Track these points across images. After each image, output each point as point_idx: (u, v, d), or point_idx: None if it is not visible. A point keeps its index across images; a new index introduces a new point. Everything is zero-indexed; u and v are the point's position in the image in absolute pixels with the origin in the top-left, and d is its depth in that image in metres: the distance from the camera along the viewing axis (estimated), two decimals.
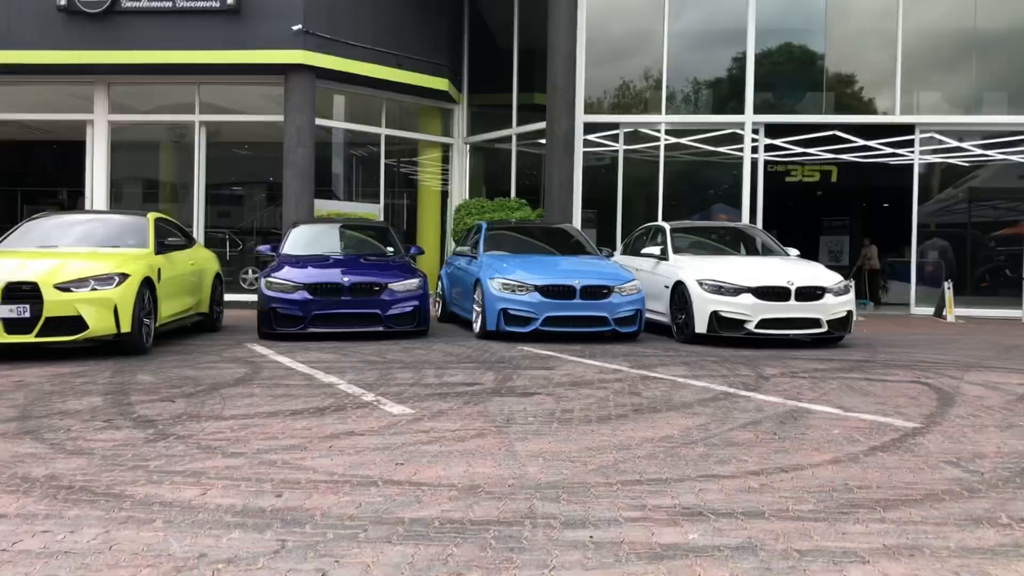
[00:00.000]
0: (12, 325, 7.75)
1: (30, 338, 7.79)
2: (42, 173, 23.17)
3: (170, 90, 15.70)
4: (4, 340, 7.78)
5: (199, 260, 10.82)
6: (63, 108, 15.96)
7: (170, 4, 14.28)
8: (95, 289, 7.99)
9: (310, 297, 9.91)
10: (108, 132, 15.49)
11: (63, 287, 7.87)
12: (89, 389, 6.46)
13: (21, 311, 7.73)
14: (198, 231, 15.57)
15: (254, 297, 14.94)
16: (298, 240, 11.58)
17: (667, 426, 5.28)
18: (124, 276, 8.23)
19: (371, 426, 5.21)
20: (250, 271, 16.53)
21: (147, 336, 8.61)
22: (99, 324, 7.97)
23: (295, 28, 14.17)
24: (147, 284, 8.60)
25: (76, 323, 7.91)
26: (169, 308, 9.43)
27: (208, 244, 15.77)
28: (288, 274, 10.12)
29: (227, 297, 15.36)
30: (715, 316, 9.80)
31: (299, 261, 10.62)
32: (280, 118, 15.06)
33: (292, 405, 5.89)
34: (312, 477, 4.03)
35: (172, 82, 15.37)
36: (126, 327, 8.17)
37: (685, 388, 6.80)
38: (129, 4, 14.29)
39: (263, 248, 11.93)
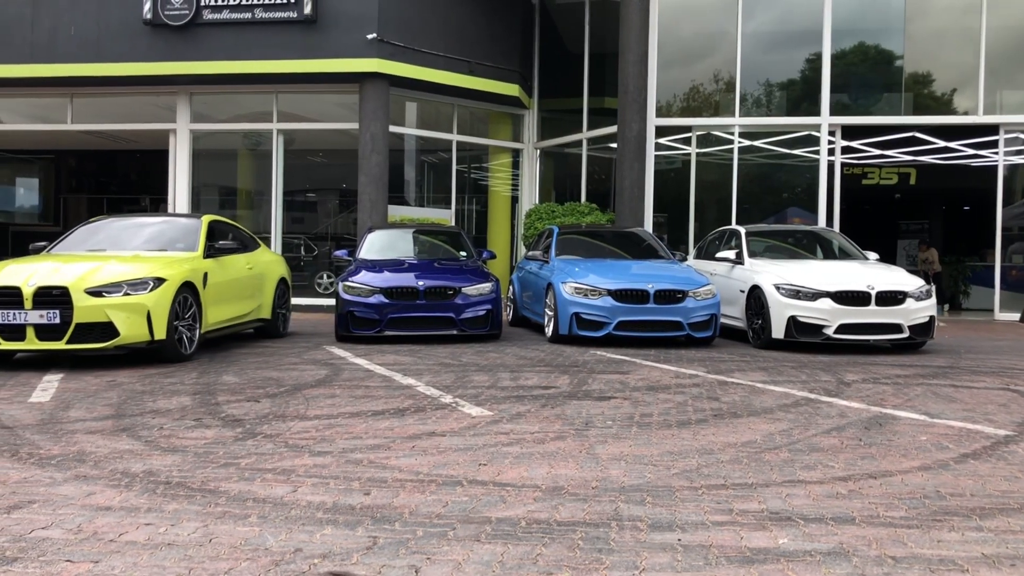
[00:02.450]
0: (43, 331, 7.52)
1: (60, 345, 7.54)
2: (126, 181, 24.01)
3: (249, 99, 16.11)
4: (36, 347, 7.58)
5: (259, 264, 10.50)
6: (147, 118, 16.51)
7: (249, 15, 14.65)
8: (128, 294, 7.70)
9: (386, 301, 10.05)
10: (190, 141, 15.97)
11: (94, 292, 7.60)
12: (178, 389, 6.66)
13: (51, 317, 7.49)
14: (275, 237, 15.94)
15: (329, 301, 15.28)
16: (374, 245, 11.77)
17: (749, 431, 5.23)
18: (160, 281, 7.93)
19: (451, 427, 5.27)
20: (325, 276, 16.83)
21: (188, 344, 8.35)
22: (131, 331, 7.68)
23: (370, 37, 14.40)
24: (188, 289, 8.33)
25: (107, 329, 7.62)
26: (218, 314, 9.13)
27: (285, 250, 16.16)
28: (364, 278, 10.28)
29: (303, 301, 15.76)
30: (793, 321, 9.65)
31: (375, 265, 10.77)
32: (354, 126, 15.32)
33: (373, 406, 5.99)
34: (398, 476, 4.10)
35: (251, 91, 15.76)
36: (160, 334, 7.86)
37: (764, 393, 6.71)
38: (210, 16, 14.72)
39: (340, 253, 12.15)
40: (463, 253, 11.95)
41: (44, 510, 3.52)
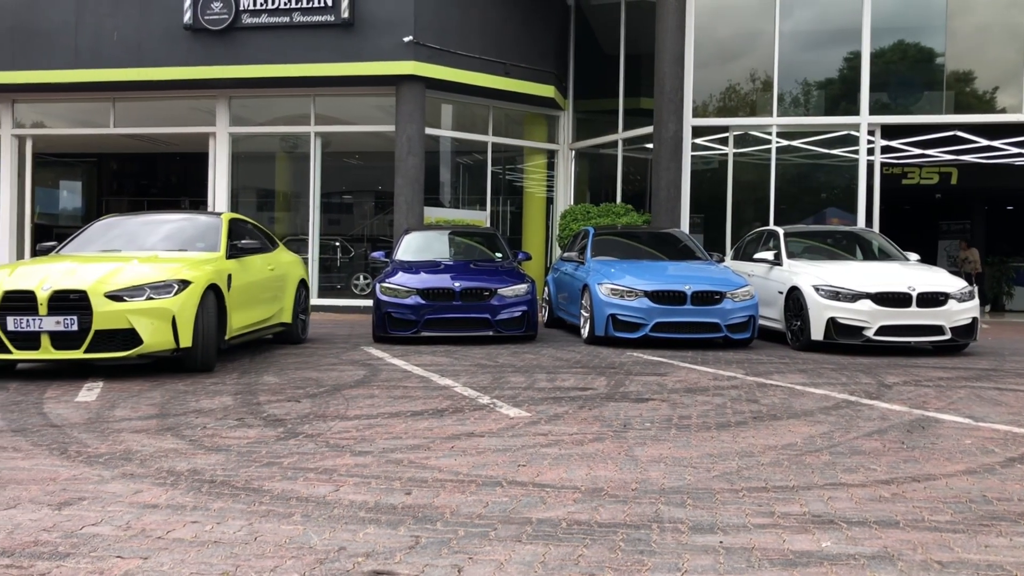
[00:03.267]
0: (59, 339, 6.91)
1: (78, 354, 6.94)
2: (167, 183, 24.37)
3: (287, 102, 16.28)
4: (51, 356, 6.98)
5: (280, 265, 9.88)
6: (187, 121, 16.74)
7: (287, 19, 14.81)
8: (151, 298, 7.08)
9: (422, 302, 10.10)
10: (229, 143, 16.17)
11: (115, 296, 6.98)
12: (219, 389, 6.76)
13: (68, 323, 6.86)
14: (312, 239, 16.09)
15: (365, 302, 15.39)
16: (410, 246, 11.84)
17: (789, 434, 5.19)
18: (185, 283, 7.28)
19: (489, 428, 5.30)
20: (361, 277, 16.97)
21: (213, 351, 7.67)
22: (154, 338, 7.06)
23: (406, 40, 14.49)
24: (213, 292, 7.66)
25: (128, 337, 7.00)
26: (241, 319, 8.47)
27: (322, 251, 16.31)
28: (401, 279, 10.34)
29: (340, 302, 15.89)
30: (832, 323, 9.56)
31: (411, 267, 10.83)
32: (390, 128, 15.42)
33: (412, 406, 6.03)
34: (438, 476, 4.12)
35: (289, 94, 15.93)
36: (186, 341, 7.23)
37: (804, 396, 6.65)
38: (249, 20, 14.89)
39: (377, 254, 12.23)
40: (499, 254, 11.99)
41: (94, 507, 3.59)
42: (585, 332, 10.46)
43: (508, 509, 3.59)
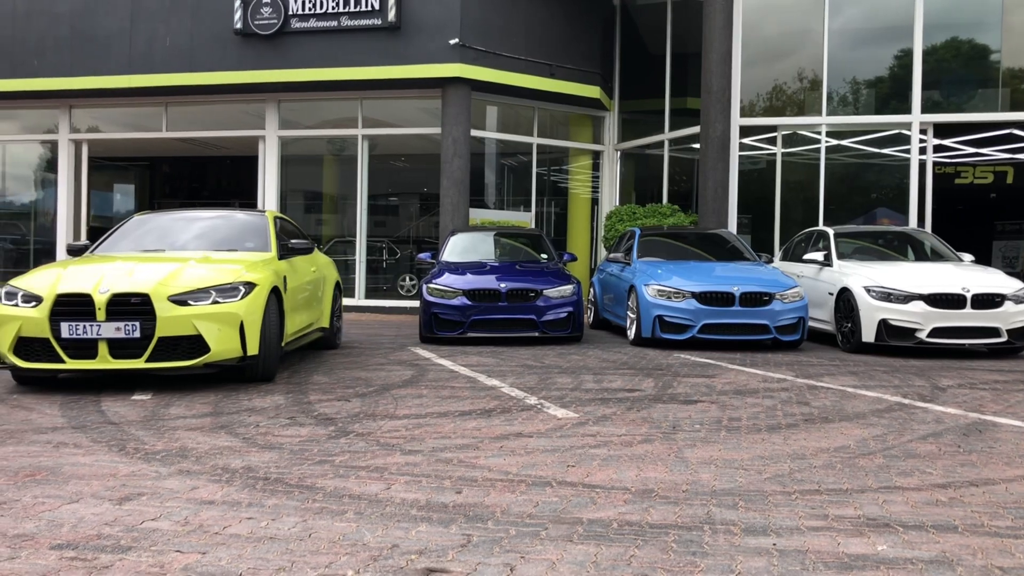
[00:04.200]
0: (119, 347, 6.34)
1: (140, 363, 6.37)
2: (217, 187, 24.80)
3: (335, 105, 16.47)
4: (109, 366, 6.38)
5: (320, 267, 9.33)
6: (238, 125, 17.01)
7: (335, 23, 14.97)
8: (217, 302, 6.53)
9: (469, 303, 10.14)
10: (278, 147, 16.40)
11: (179, 300, 6.42)
12: (271, 388, 6.85)
13: (130, 329, 6.29)
14: (360, 240, 16.25)
15: (412, 303, 15.50)
16: (456, 247, 11.89)
17: (841, 436, 5.13)
18: (250, 286, 6.74)
19: (537, 428, 5.31)
20: (407, 278, 17.08)
21: (276, 360, 7.21)
22: (222, 345, 6.52)
23: (452, 42, 14.57)
24: (275, 295, 7.14)
25: (195, 344, 6.45)
26: (293, 323, 7.94)
27: (368, 253, 16.46)
28: (448, 280, 10.40)
29: (387, 303, 16.03)
30: (884, 324, 9.41)
31: (458, 268, 10.88)
32: (436, 130, 15.51)
33: (460, 406, 6.06)
34: (488, 475, 4.14)
35: (337, 98, 16.10)
36: (253, 349, 6.70)
37: (856, 398, 6.56)
38: (298, 25, 15.09)
39: (423, 256, 12.31)
40: (544, 255, 11.99)
41: (152, 502, 3.67)
42: (631, 333, 10.42)
43: (558, 509, 3.60)
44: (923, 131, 14.95)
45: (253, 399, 6.34)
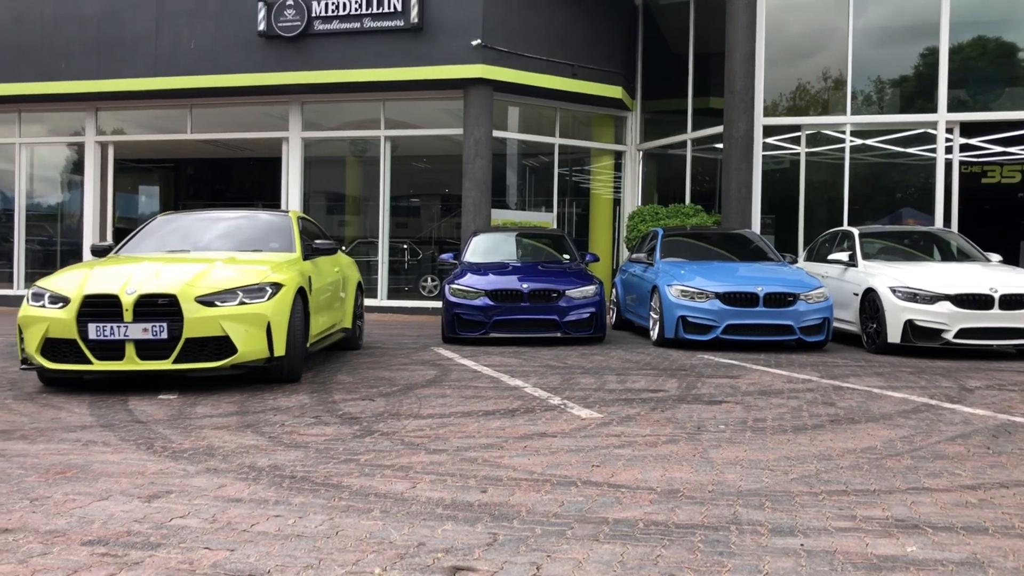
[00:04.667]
0: (146, 348, 6.33)
1: (167, 364, 6.36)
2: (240, 188, 24.98)
3: (357, 107, 16.53)
4: (136, 367, 6.36)
5: (342, 267, 9.33)
6: (261, 127, 17.12)
7: (358, 25, 15.03)
8: (244, 303, 6.52)
9: (491, 303, 10.15)
10: (301, 148, 16.49)
11: (206, 301, 6.42)
12: (296, 388, 6.89)
13: (157, 331, 6.28)
14: (382, 241, 16.31)
15: (434, 303, 15.53)
16: (478, 248, 11.91)
17: (868, 437, 5.09)
18: (277, 286, 6.74)
19: (561, 428, 5.30)
20: (429, 279, 17.12)
21: (302, 360, 7.23)
22: (249, 346, 6.51)
23: (474, 43, 14.59)
24: (300, 296, 7.15)
25: (222, 345, 6.45)
26: (318, 324, 7.94)
27: (391, 254, 16.52)
28: (470, 281, 10.41)
29: (409, 303, 16.08)
30: (909, 325, 9.32)
31: (480, 268, 10.89)
32: (458, 131, 15.54)
33: (483, 406, 6.07)
34: (512, 475, 4.15)
35: (359, 99, 16.16)
36: (280, 350, 6.70)
37: (882, 399, 6.51)
38: (321, 27, 15.17)
39: (445, 256, 12.33)
40: (566, 256, 11.98)
41: (180, 500, 3.71)
42: (654, 334, 10.39)
43: (584, 509, 3.60)
44: (949, 130, 14.80)
45: (278, 398, 6.38)
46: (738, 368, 8.26)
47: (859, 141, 15.22)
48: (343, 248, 10.64)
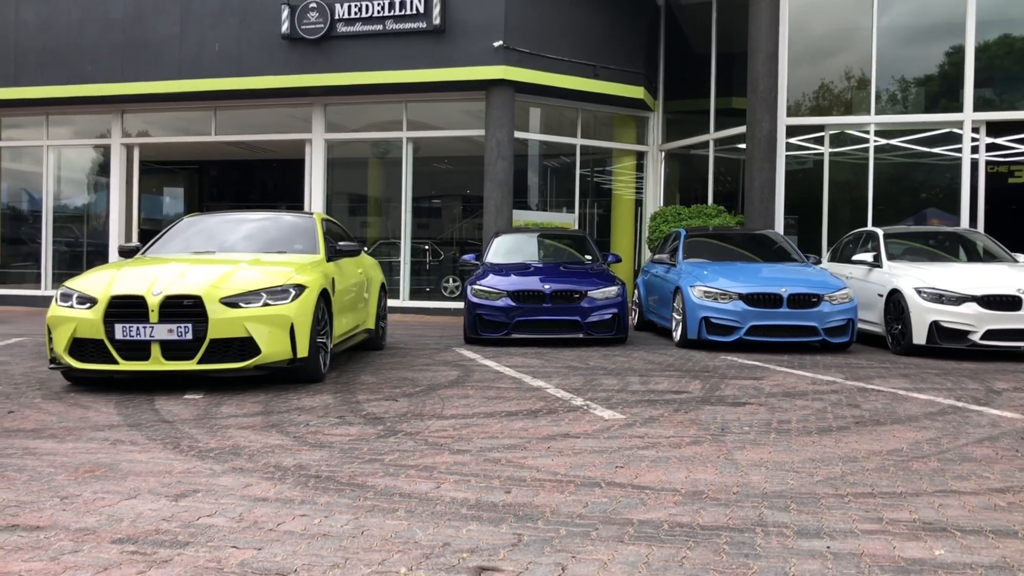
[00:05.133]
0: (171, 348, 6.41)
1: (191, 365, 6.45)
2: (264, 189, 25.14)
3: (380, 108, 16.58)
4: (161, 367, 6.45)
5: (366, 268, 9.45)
6: (285, 128, 17.23)
7: (380, 27, 15.09)
8: (268, 304, 6.58)
9: (513, 304, 10.16)
10: (325, 150, 16.58)
11: (230, 302, 6.49)
12: (319, 388, 6.93)
13: (182, 332, 6.37)
14: (404, 242, 16.36)
15: (455, 304, 15.57)
16: (500, 249, 11.92)
17: (894, 439, 5.05)
18: (300, 288, 6.81)
19: (584, 429, 5.30)
20: (451, 280, 17.15)
21: (324, 361, 7.30)
22: (273, 347, 6.58)
23: (496, 44, 14.60)
24: (323, 298, 7.22)
25: (246, 346, 6.52)
26: (341, 325, 8.01)
27: (412, 255, 16.57)
28: (492, 282, 10.42)
29: (431, 304, 16.12)
30: (935, 326, 9.24)
31: (502, 269, 10.90)
32: (479, 132, 15.56)
33: (506, 407, 6.08)
34: (536, 475, 4.15)
35: (382, 101, 16.22)
36: (303, 351, 6.76)
37: (908, 401, 6.46)
38: (344, 29, 15.24)
39: (467, 257, 12.36)
40: (588, 257, 11.97)
41: (208, 499, 3.74)
42: (677, 335, 10.35)
43: (608, 510, 3.60)
44: (975, 129, 14.66)
45: (302, 398, 6.42)
46: (762, 369, 8.23)
47: (883, 141, 15.11)
48: (366, 249, 10.69)
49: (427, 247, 17.63)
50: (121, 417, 5.69)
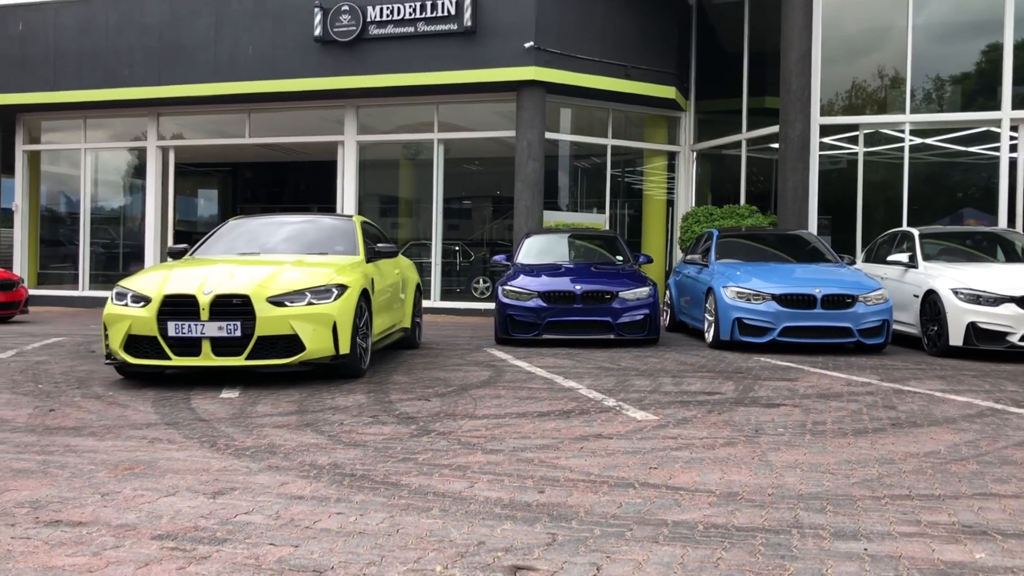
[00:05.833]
0: (221, 345, 6.70)
1: (240, 360, 6.71)
2: (296, 191, 25.35)
3: (411, 110, 16.67)
4: (211, 363, 6.71)
5: (402, 269, 9.82)
6: (317, 131, 17.38)
7: (412, 29, 15.17)
8: (312, 303, 6.86)
9: (544, 304, 10.15)
10: (357, 151, 16.69)
11: (276, 301, 6.77)
12: (353, 388, 6.98)
13: (231, 329, 6.65)
14: (435, 243, 16.43)
15: (486, 305, 15.60)
16: (531, 249, 11.93)
17: (931, 441, 4.99)
18: (342, 288, 7.11)
19: (617, 430, 5.30)
20: (481, 280, 17.19)
21: (364, 358, 7.56)
22: (317, 344, 6.85)
23: (527, 45, 14.62)
24: (364, 297, 7.51)
25: (291, 343, 6.79)
26: (380, 324, 8.30)
27: (443, 256, 16.64)
28: (523, 282, 10.43)
29: (461, 305, 16.16)
30: (972, 328, 9.11)
31: (533, 270, 10.90)
32: (510, 133, 15.59)
33: (538, 407, 6.09)
34: (569, 476, 4.16)
35: (413, 102, 16.30)
36: (345, 348, 7.03)
37: (945, 403, 6.38)
38: (376, 31, 15.34)
39: (498, 258, 12.38)
40: (619, 257, 11.93)
41: (244, 497, 3.79)
42: (709, 336, 10.30)
43: (642, 510, 3.59)
44: (1013, 128, 14.43)
45: (336, 398, 6.47)
46: (795, 371, 8.16)
47: (919, 140, 14.92)
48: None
49: (458, 248, 17.69)
50: (159, 416, 5.77)
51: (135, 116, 17.91)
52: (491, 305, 12.78)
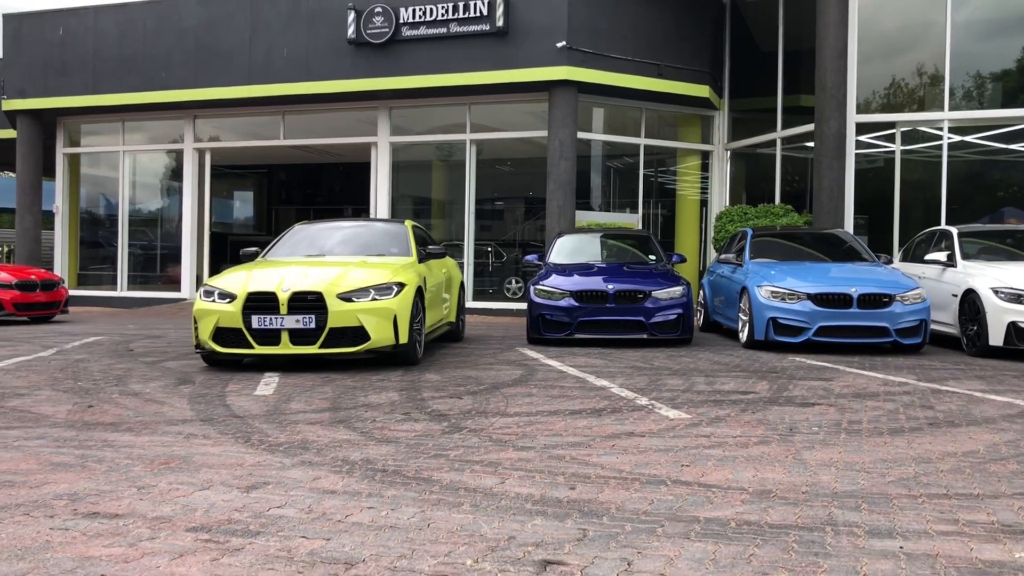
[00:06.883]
0: (297, 336, 7.65)
1: (314, 349, 7.69)
2: (330, 192, 25.54)
3: (444, 111, 16.74)
4: (290, 351, 7.70)
5: (449, 268, 10.75)
6: (351, 132, 17.51)
7: (444, 30, 15.23)
8: (375, 299, 7.81)
9: (576, 304, 10.13)
10: (390, 153, 16.79)
11: (345, 297, 7.72)
12: (385, 385, 7.02)
13: (307, 322, 7.62)
14: (468, 244, 16.47)
15: (518, 305, 15.60)
16: (563, 249, 11.90)
17: (970, 441, 4.91)
18: (401, 285, 8.05)
19: (649, 428, 5.27)
20: (513, 280, 17.20)
21: (419, 347, 8.47)
22: (380, 335, 7.78)
23: (559, 45, 14.61)
24: (418, 294, 8.45)
25: (358, 334, 7.73)
26: (431, 318, 9.22)
27: (475, 256, 16.67)
28: (555, 282, 10.42)
29: (494, 305, 16.18)
30: (1013, 327, 8.95)
31: (565, 269, 10.88)
32: (542, 133, 15.58)
33: (570, 405, 6.08)
34: (600, 473, 4.14)
35: (446, 103, 16.37)
36: (404, 338, 7.97)
37: (984, 403, 6.27)
38: (408, 33, 15.42)
39: (530, 257, 12.38)
40: (652, 257, 11.87)
41: (277, 491, 3.82)
42: (743, 336, 10.21)
43: (674, 507, 3.57)
44: None
45: (369, 395, 6.51)
46: (831, 370, 8.07)
47: (957, 138, 14.70)
48: None
49: (490, 248, 17.72)
50: (194, 412, 5.84)
51: (172, 119, 18.18)
52: (523, 305, 12.78)
